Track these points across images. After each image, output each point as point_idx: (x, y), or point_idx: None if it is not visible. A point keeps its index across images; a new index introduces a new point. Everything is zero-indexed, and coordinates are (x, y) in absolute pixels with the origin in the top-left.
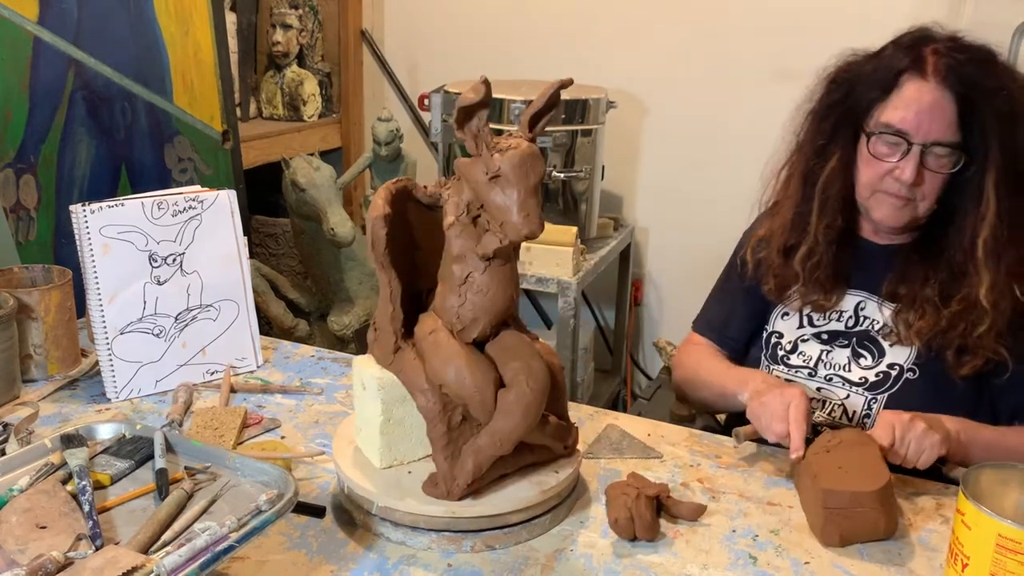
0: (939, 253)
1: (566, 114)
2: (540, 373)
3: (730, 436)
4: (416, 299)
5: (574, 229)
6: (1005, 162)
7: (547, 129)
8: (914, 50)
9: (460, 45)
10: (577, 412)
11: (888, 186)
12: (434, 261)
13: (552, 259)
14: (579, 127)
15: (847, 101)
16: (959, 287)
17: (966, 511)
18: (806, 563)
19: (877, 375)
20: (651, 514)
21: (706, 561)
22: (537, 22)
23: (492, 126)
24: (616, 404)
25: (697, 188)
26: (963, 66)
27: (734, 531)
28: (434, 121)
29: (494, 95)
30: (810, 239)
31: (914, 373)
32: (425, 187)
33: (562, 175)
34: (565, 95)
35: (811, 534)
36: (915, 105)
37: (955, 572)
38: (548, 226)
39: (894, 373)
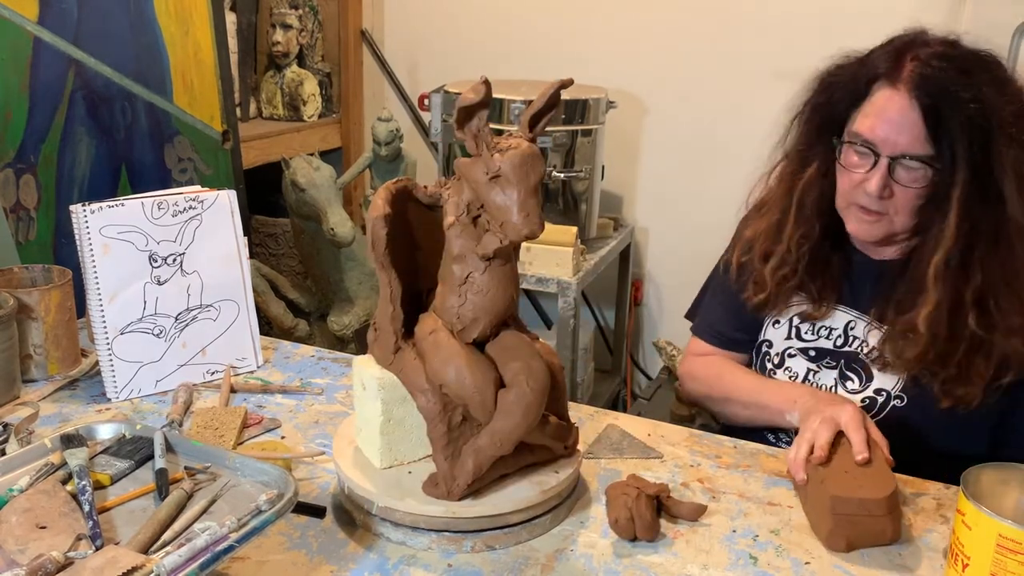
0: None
1: (566, 114)
2: (540, 373)
3: (729, 436)
4: (416, 299)
5: (574, 229)
6: (972, 178)
7: (547, 129)
8: (897, 55)
9: (460, 45)
10: (577, 412)
11: (859, 198)
12: (434, 261)
13: (552, 259)
14: (579, 127)
15: (827, 106)
16: (909, 307)
17: (966, 511)
18: (806, 563)
19: (863, 400)
20: (651, 514)
21: (706, 561)
22: (537, 22)
23: (492, 126)
24: (616, 404)
25: (697, 188)
26: (938, 74)
27: (734, 531)
28: (434, 121)
29: (494, 95)
30: (782, 248)
31: (901, 400)
32: (425, 187)
33: (562, 175)
34: (565, 95)
35: (812, 534)
36: (883, 115)
37: (955, 572)
38: (548, 226)
39: (880, 400)
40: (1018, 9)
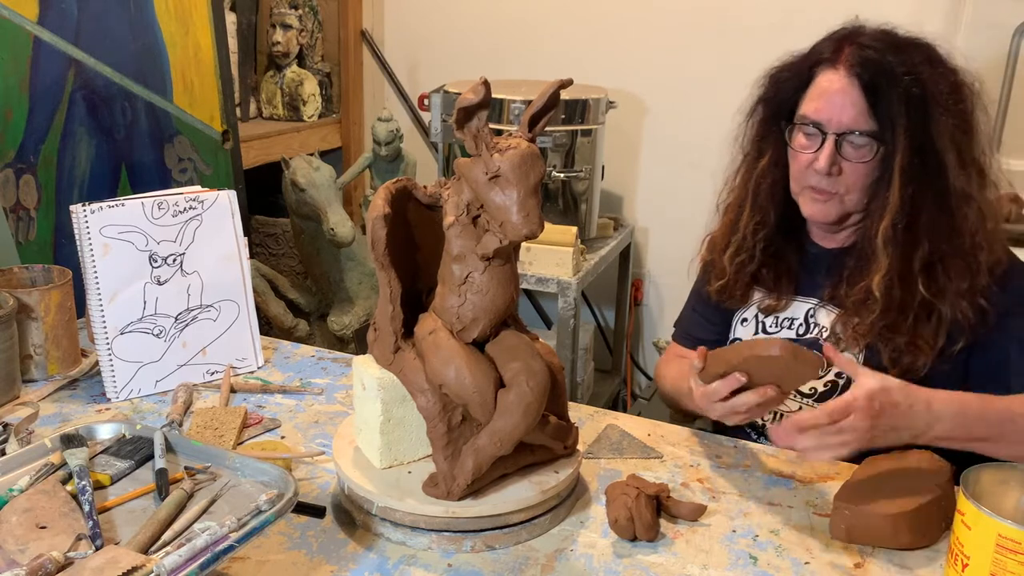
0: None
1: (566, 114)
2: (540, 373)
3: (728, 435)
4: (416, 299)
5: (574, 229)
6: (912, 149)
7: (547, 129)
8: (837, 43)
9: (460, 45)
10: (577, 412)
11: (810, 179)
12: (434, 261)
13: (552, 259)
14: (579, 127)
15: (775, 98)
16: (863, 275)
17: (966, 511)
18: (806, 563)
19: (826, 385)
20: (651, 514)
21: (706, 561)
22: (537, 22)
23: (492, 126)
24: (616, 404)
25: (697, 188)
26: (875, 54)
27: (734, 531)
28: (434, 121)
29: (494, 95)
30: (738, 236)
31: None
32: (425, 187)
33: (562, 175)
34: (565, 95)
35: (812, 534)
36: (826, 95)
37: (955, 572)
38: (548, 226)
39: (842, 382)
40: (1018, 9)
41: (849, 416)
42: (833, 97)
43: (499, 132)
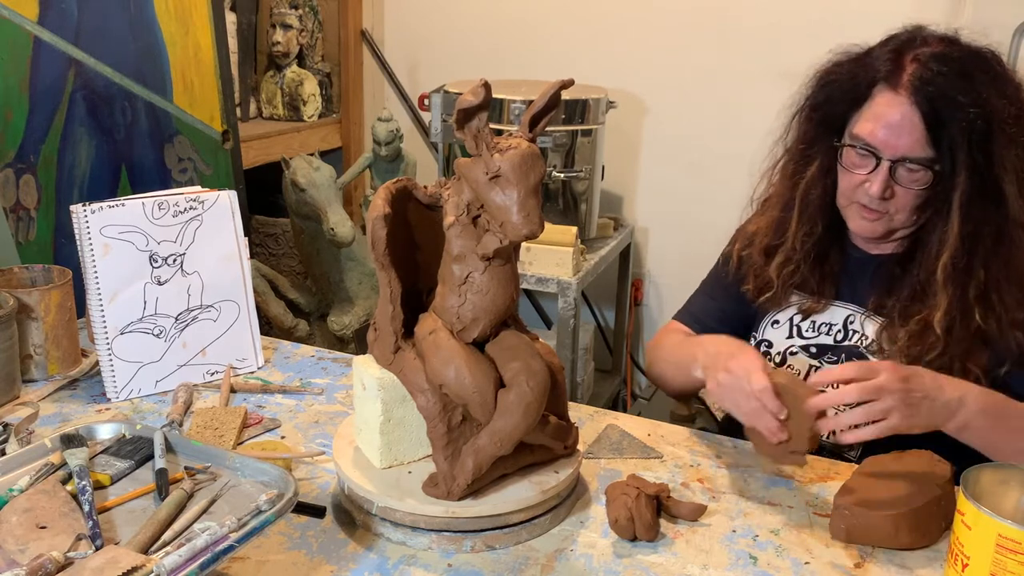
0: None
1: (566, 114)
2: (540, 373)
3: (729, 435)
4: (416, 299)
5: (574, 229)
6: (972, 181)
7: (547, 129)
8: (896, 56)
9: (460, 45)
10: (577, 412)
11: (860, 197)
12: (434, 261)
13: (552, 259)
14: (579, 127)
15: (826, 106)
16: (919, 307)
17: (966, 511)
18: (806, 563)
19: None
20: (651, 514)
21: (706, 561)
22: (537, 22)
23: (492, 126)
24: (616, 404)
25: (697, 188)
26: (938, 78)
27: (734, 531)
28: (434, 121)
29: (494, 95)
30: (787, 246)
31: None
32: (425, 187)
33: (562, 175)
34: (565, 95)
35: (812, 534)
36: (884, 120)
37: (955, 572)
38: (548, 226)
39: None
40: (1018, 9)
41: (880, 375)
42: (891, 123)
43: (499, 132)
